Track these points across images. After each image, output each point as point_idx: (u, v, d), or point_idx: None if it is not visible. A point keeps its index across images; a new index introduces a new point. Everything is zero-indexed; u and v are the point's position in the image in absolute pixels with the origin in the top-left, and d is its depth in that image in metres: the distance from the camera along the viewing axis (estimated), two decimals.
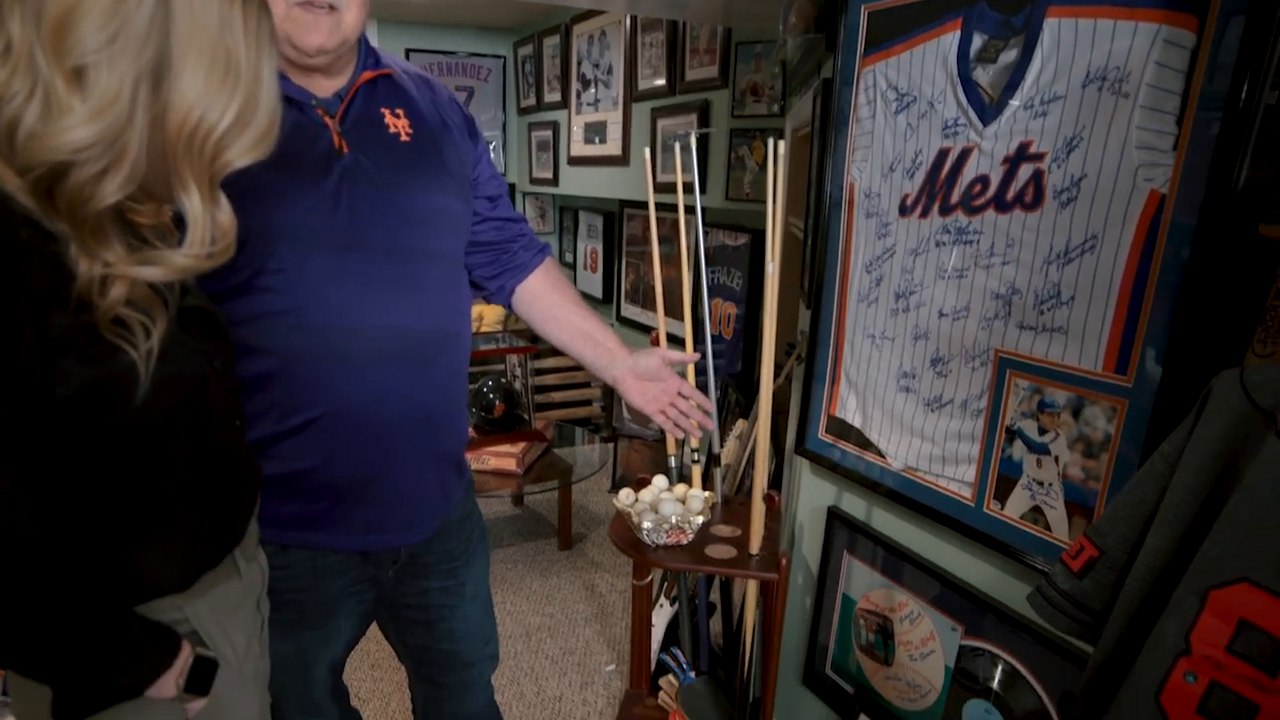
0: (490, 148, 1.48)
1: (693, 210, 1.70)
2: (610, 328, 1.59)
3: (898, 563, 1.68)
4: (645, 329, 4.39)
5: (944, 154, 1.41)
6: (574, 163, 4.79)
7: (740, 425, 2.57)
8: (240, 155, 0.81)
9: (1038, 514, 1.33)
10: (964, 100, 1.35)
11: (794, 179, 2.30)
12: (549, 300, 1.56)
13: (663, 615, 2.41)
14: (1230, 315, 1.04)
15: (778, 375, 2.23)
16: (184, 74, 0.75)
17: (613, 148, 4.28)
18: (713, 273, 3.59)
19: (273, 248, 1.14)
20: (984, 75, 1.32)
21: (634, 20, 3.93)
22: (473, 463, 3.13)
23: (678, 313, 1.86)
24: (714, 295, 3.59)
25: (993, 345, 1.36)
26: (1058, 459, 1.29)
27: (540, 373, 4.39)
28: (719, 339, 3.59)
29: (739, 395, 3.12)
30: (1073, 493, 1.28)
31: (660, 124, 3.80)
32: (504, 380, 3.39)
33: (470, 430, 3.23)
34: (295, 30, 1.14)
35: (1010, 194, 1.29)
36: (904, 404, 1.58)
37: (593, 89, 4.42)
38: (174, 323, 0.86)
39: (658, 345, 1.68)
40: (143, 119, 0.75)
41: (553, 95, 4.91)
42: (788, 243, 2.36)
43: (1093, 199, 1.18)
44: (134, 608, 0.90)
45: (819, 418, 1.83)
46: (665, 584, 2.52)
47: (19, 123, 0.71)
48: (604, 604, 3.11)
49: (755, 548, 1.62)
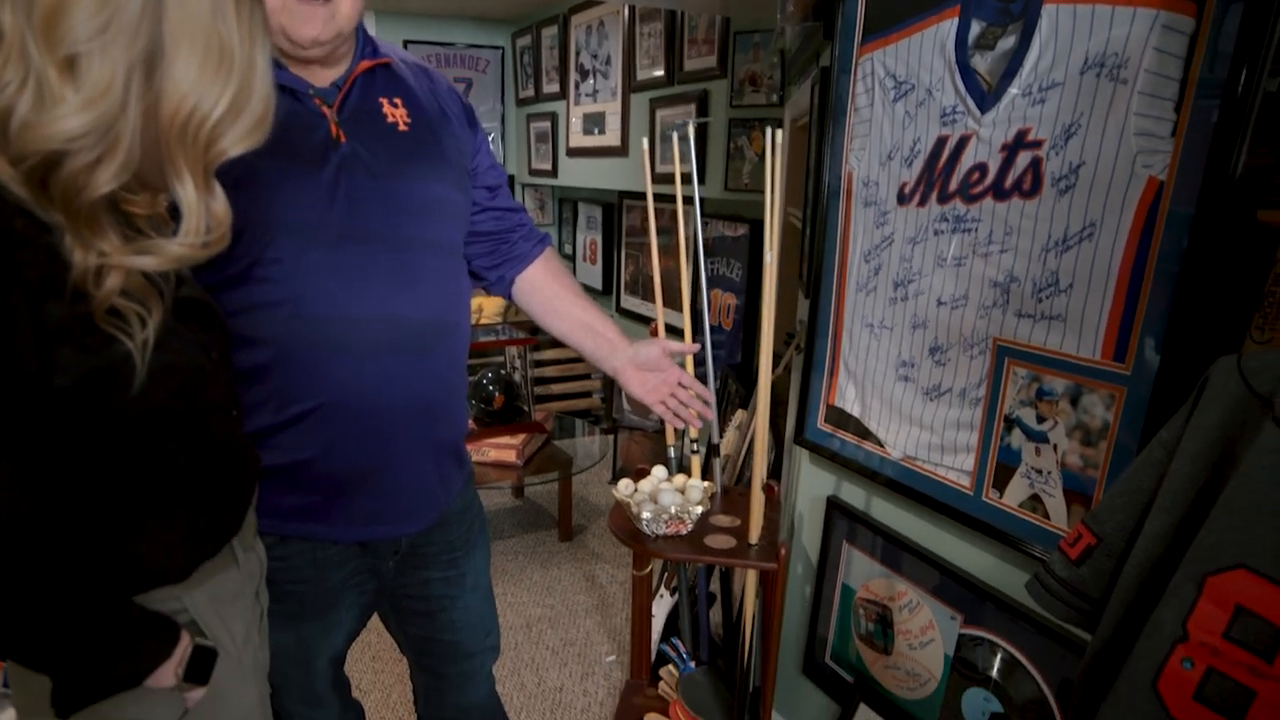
0: (489, 139, 1.47)
1: (691, 201, 1.69)
2: (610, 318, 1.58)
3: (897, 552, 1.68)
4: (645, 320, 4.39)
5: (942, 142, 1.40)
6: (573, 154, 4.77)
7: (740, 415, 2.57)
8: (234, 144, 0.80)
9: (1036, 502, 1.34)
10: (962, 88, 1.35)
11: (793, 169, 2.29)
12: (549, 291, 1.56)
13: (663, 606, 2.41)
14: (1228, 302, 1.04)
15: (777, 365, 2.23)
16: (177, 62, 0.74)
17: (611, 139, 4.26)
18: (712, 263, 3.59)
19: (270, 238, 1.14)
20: (982, 62, 1.31)
21: (632, 10, 3.91)
22: (473, 454, 3.13)
23: (677, 304, 1.86)
24: (713, 286, 3.59)
25: (991, 333, 1.36)
26: (1056, 447, 1.29)
27: (540, 364, 4.39)
28: (718, 330, 3.59)
29: (739, 386, 3.12)
30: (1071, 480, 1.28)
31: (659, 114, 3.79)
32: (504, 372, 3.39)
33: (470, 422, 3.23)
34: (290, 22, 1.13)
35: (1008, 181, 1.29)
36: (903, 393, 1.58)
37: (591, 80, 4.41)
38: (170, 313, 0.86)
39: (657, 336, 1.68)
40: (136, 108, 0.74)
41: (551, 86, 4.89)
42: (787, 233, 2.36)
43: (1091, 186, 1.17)
44: (132, 598, 0.90)
45: (818, 407, 1.83)
46: (665, 574, 2.52)
47: (12, 112, 0.71)
48: (604, 595, 3.11)
49: (754, 537, 1.62)
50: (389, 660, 2.66)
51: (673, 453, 1.82)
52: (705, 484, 1.68)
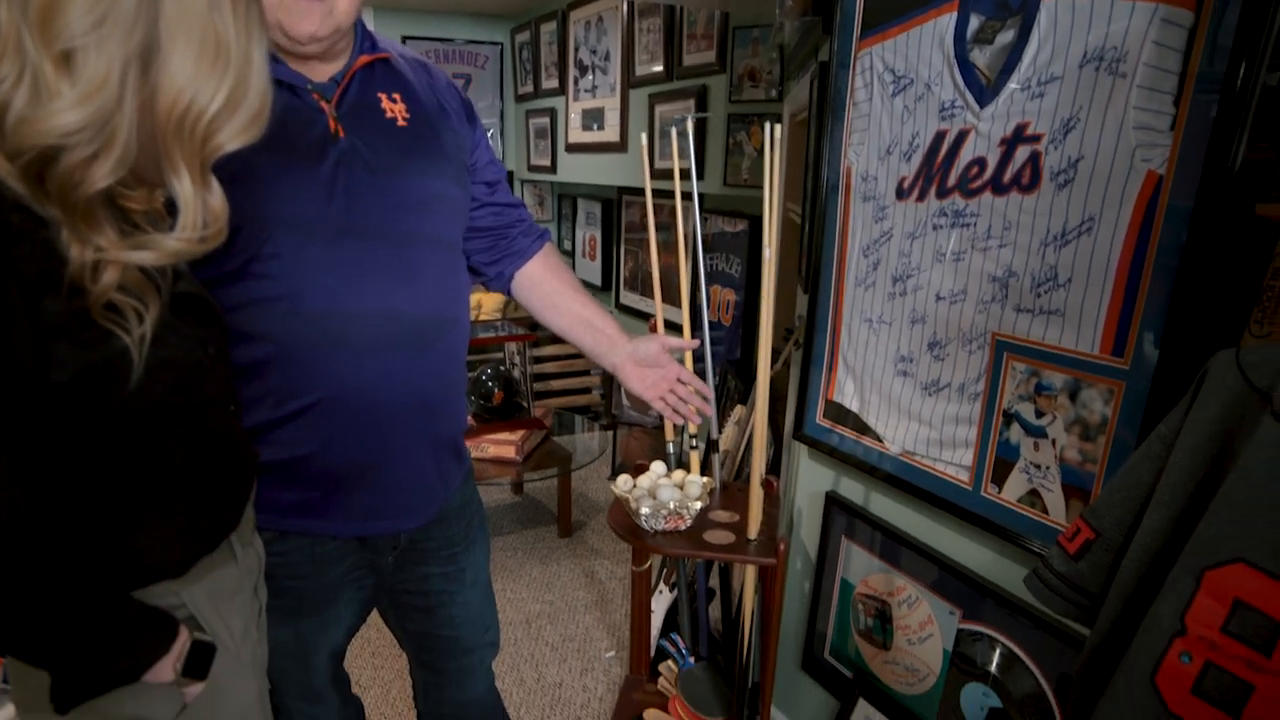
0: (488, 135, 1.47)
1: (690, 197, 1.69)
2: (610, 314, 1.58)
3: (896, 547, 1.68)
4: (645, 316, 4.39)
5: (941, 136, 1.40)
6: (572, 150, 4.77)
7: (739, 411, 2.57)
8: (231, 138, 0.80)
9: (1035, 497, 1.34)
10: (961, 82, 1.34)
11: (792, 164, 2.29)
12: (548, 286, 1.55)
13: (662, 601, 2.41)
14: (1227, 296, 1.03)
15: (776, 361, 2.23)
16: (173, 57, 0.74)
17: (610, 134, 4.26)
18: (711, 259, 3.59)
19: (268, 233, 1.13)
20: (981, 57, 1.31)
21: (631, 5, 3.90)
22: (472, 450, 3.13)
23: (676, 300, 1.85)
24: (713, 282, 3.58)
25: (990, 328, 1.36)
26: (1055, 442, 1.29)
27: (539, 360, 4.38)
28: (718, 325, 3.59)
29: (738, 381, 3.12)
30: (1070, 475, 1.28)
31: (658, 110, 3.79)
32: (503, 368, 3.39)
33: (469, 418, 3.23)
34: (287, 17, 1.13)
35: (1007, 176, 1.29)
36: (901, 388, 1.58)
37: (590, 75, 4.40)
38: (167, 308, 0.86)
39: (656, 332, 1.68)
40: (132, 102, 0.74)
41: (550, 82, 4.88)
42: (786, 228, 2.35)
43: (1090, 180, 1.17)
44: (131, 593, 0.90)
45: (817, 402, 1.83)
46: (664, 570, 2.53)
47: (8, 107, 0.71)
48: (604, 591, 3.12)
49: (753, 533, 1.62)
50: (389, 656, 2.66)
51: (671, 448, 1.82)
52: (704, 479, 1.68)
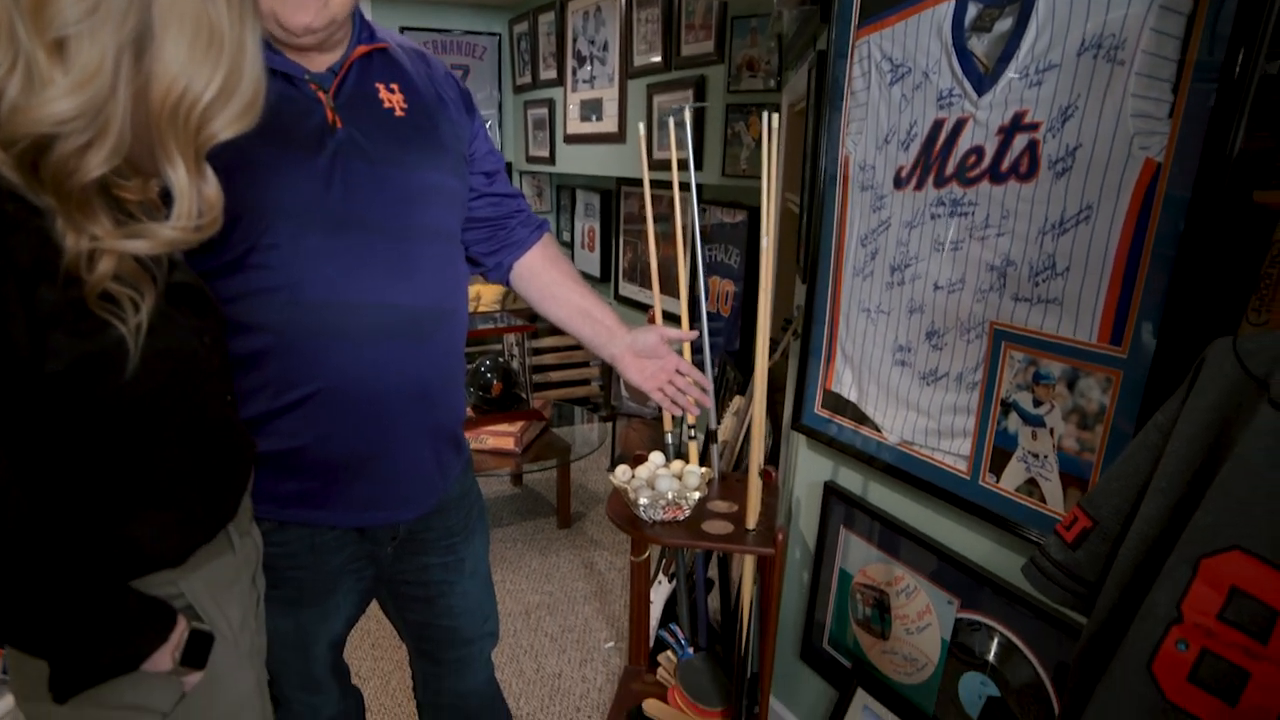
0: (486, 126, 1.46)
1: (688, 187, 1.69)
2: (608, 305, 1.58)
3: (894, 537, 1.68)
4: (644, 307, 4.39)
5: (939, 125, 1.40)
6: (570, 141, 4.76)
7: (738, 402, 2.57)
8: (225, 127, 0.80)
9: (1033, 486, 1.34)
10: (959, 70, 1.34)
11: (790, 154, 2.29)
12: (547, 277, 1.55)
13: (661, 592, 2.42)
14: (1225, 284, 1.03)
15: (774, 351, 2.23)
16: (166, 45, 0.74)
17: (609, 125, 4.25)
18: (710, 250, 3.58)
19: (266, 223, 1.13)
20: (979, 45, 1.30)
21: None
22: (471, 442, 3.13)
23: (675, 291, 1.85)
24: (712, 273, 3.58)
25: (988, 317, 1.36)
26: (1053, 431, 1.29)
27: (538, 352, 4.38)
28: (717, 316, 3.58)
29: (737, 373, 3.12)
30: (1068, 464, 1.28)
31: (656, 100, 3.78)
32: (502, 359, 3.39)
33: (468, 410, 3.23)
34: (282, 9, 1.12)
35: (1005, 164, 1.29)
36: (899, 378, 1.58)
37: (588, 66, 4.39)
38: (162, 298, 0.85)
39: (655, 323, 1.68)
40: (126, 91, 0.74)
41: (548, 73, 4.87)
42: (784, 218, 2.35)
43: (1088, 168, 1.17)
44: (129, 583, 0.90)
45: (815, 393, 1.83)
46: (663, 561, 2.53)
47: (1, 96, 0.71)
48: (603, 582, 3.12)
49: (752, 523, 1.62)
50: (388, 648, 2.66)
51: (670, 439, 1.82)
52: (702, 470, 1.68)
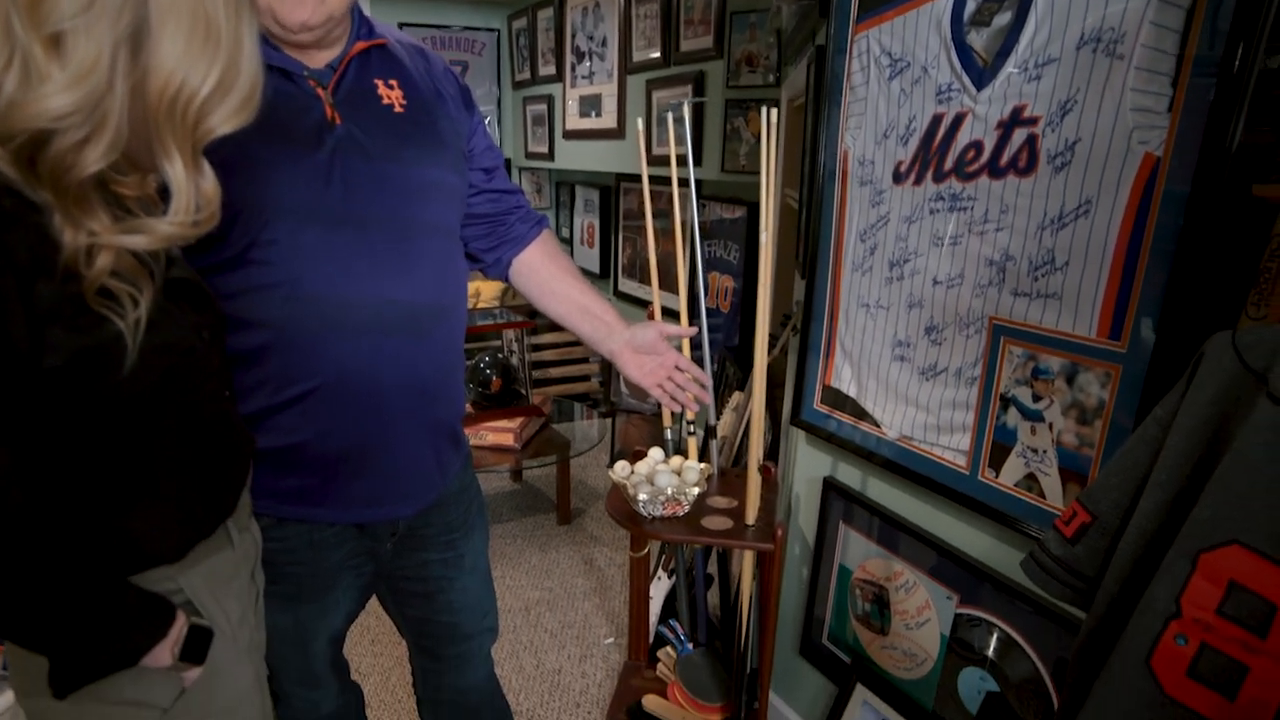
0: (485, 122, 1.46)
1: (688, 183, 1.68)
2: (608, 301, 1.58)
3: (893, 532, 1.68)
4: (643, 304, 4.39)
5: (938, 120, 1.39)
6: (569, 136, 4.75)
7: (737, 397, 2.57)
8: (223, 122, 0.80)
9: (1032, 481, 1.34)
10: (958, 65, 1.34)
11: (790, 150, 2.28)
12: (546, 273, 1.55)
13: (660, 588, 2.42)
14: (1224, 278, 1.03)
15: (774, 347, 2.23)
16: (163, 40, 0.74)
17: (608, 120, 4.24)
18: (710, 246, 3.58)
19: (265, 220, 1.13)
20: (978, 39, 1.30)
21: None
22: (470, 438, 3.13)
23: (674, 287, 1.85)
24: (711, 269, 3.58)
25: (987, 312, 1.36)
26: (1052, 426, 1.29)
27: (538, 348, 4.38)
28: (716, 313, 3.58)
29: (736, 369, 3.12)
30: (1067, 459, 1.28)
31: (655, 96, 3.77)
32: (501, 355, 3.39)
33: (468, 406, 3.23)
34: (280, 6, 1.11)
35: (1004, 159, 1.28)
36: (898, 373, 1.57)
37: (587, 61, 4.38)
38: (160, 294, 0.85)
39: (654, 319, 1.68)
40: (123, 86, 0.74)
41: (547, 68, 4.86)
42: (784, 214, 2.35)
43: (1087, 163, 1.17)
44: (128, 578, 0.90)
45: (814, 388, 1.83)
46: (663, 557, 2.53)
47: None
48: (603, 578, 3.12)
49: (751, 519, 1.62)
50: (388, 644, 2.67)
51: (670, 435, 1.82)
52: (702, 465, 1.68)
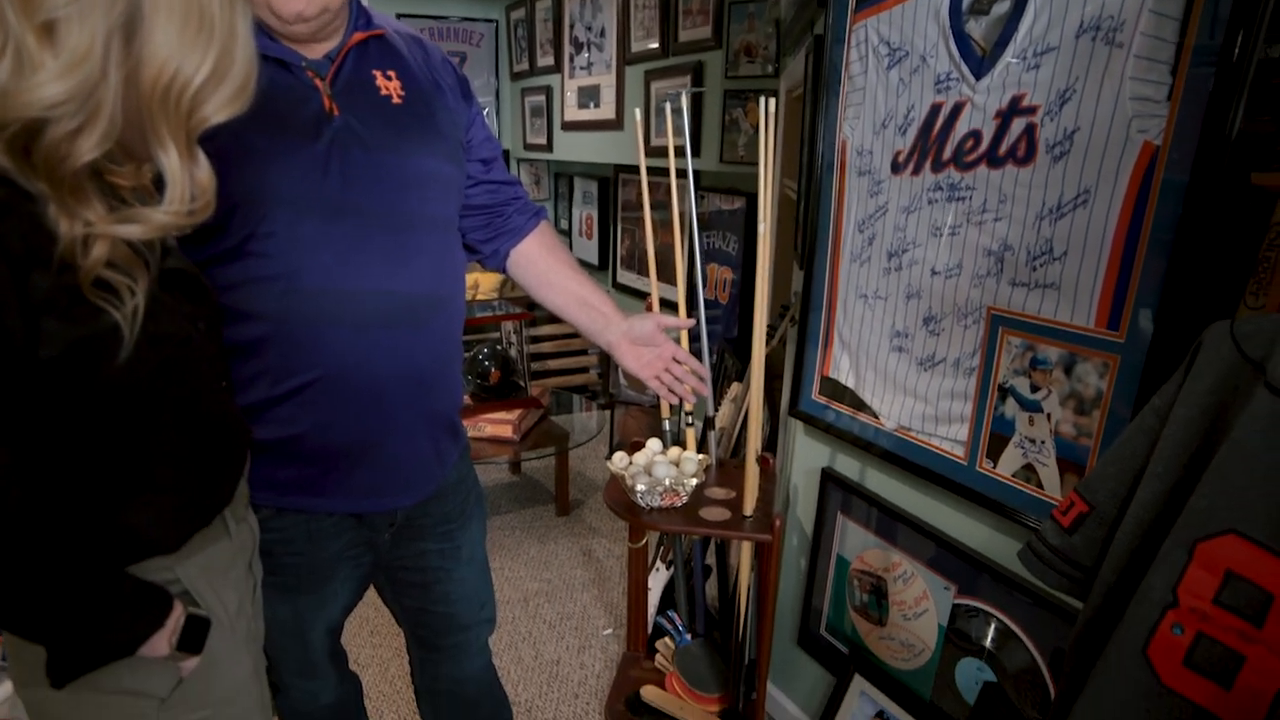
0: (483, 113, 1.46)
1: (685, 174, 1.68)
2: (606, 293, 1.58)
3: (891, 523, 1.68)
4: (641, 295, 4.38)
5: (936, 109, 1.39)
6: (568, 128, 4.74)
7: (735, 389, 2.57)
8: (217, 111, 0.79)
9: (1030, 472, 1.34)
10: (956, 54, 1.33)
11: (789, 140, 2.28)
12: (544, 264, 1.55)
13: (659, 579, 2.42)
14: (1222, 267, 1.03)
15: (772, 338, 2.23)
16: (156, 28, 0.73)
17: (606, 111, 4.23)
18: (708, 237, 3.58)
19: (263, 211, 1.13)
20: (976, 28, 1.30)
21: None
22: (469, 430, 3.13)
23: (673, 278, 1.85)
24: (710, 260, 3.57)
25: (985, 303, 1.36)
26: (1050, 416, 1.29)
27: (536, 340, 4.37)
28: (715, 304, 3.58)
29: (735, 360, 3.12)
30: (1065, 450, 1.28)
31: (654, 86, 3.76)
32: (500, 347, 3.38)
33: (466, 398, 3.23)
34: None
35: (1003, 148, 1.28)
36: (897, 363, 1.57)
37: (585, 52, 4.37)
38: (156, 284, 0.85)
39: (652, 311, 1.67)
40: (116, 74, 0.73)
41: (545, 59, 4.85)
42: (782, 205, 2.35)
43: (1085, 152, 1.17)
44: (125, 568, 0.90)
45: (812, 379, 1.83)
46: (661, 548, 2.53)
47: None
48: (601, 569, 3.13)
49: (749, 509, 1.62)
50: (387, 635, 2.67)
51: (668, 426, 1.82)
52: (700, 457, 1.68)
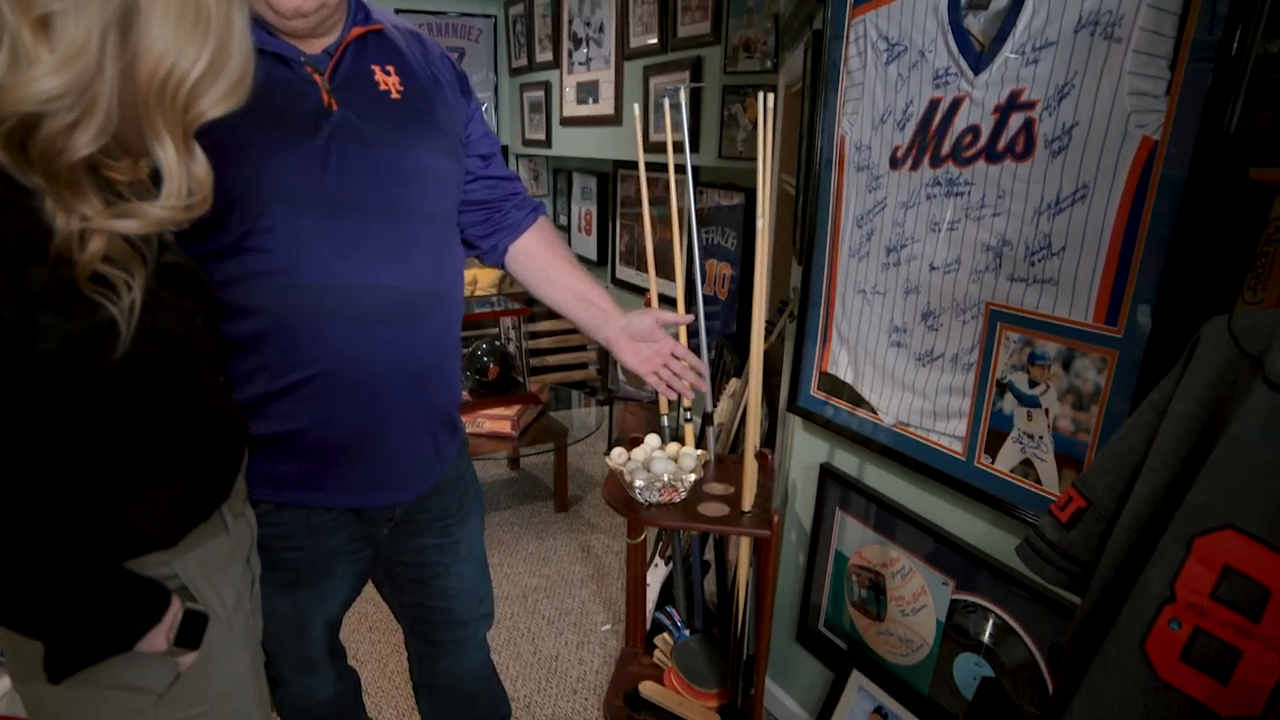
0: (482, 109, 1.46)
1: (684, 170, 1.68)
2: (604, 289, 1.57)
3: (890, 519, 1.68)
4: (640, 291, 4.38)
5: (935, 104, 1.39)
6: (566, 123, 4.74)
7: (734, 384, 2.57)
8: (213, 105, 0.79)
9: (1028, 467, 1.34)
10: (955, 49, 1.33)
11: (788, 136, 2.28)
12: (542, 260, 1.55)
13: (658, 575, 2.42)
14: (1220, 262, 1.03)
15: (771, 334, 2.23)
16: (153, 22, 0.73)
17: (605, 107, 4.23)
18: (707, 233, 3.57)
19: (262, 206, 1.13)
20: (975, 23, 1.30)
21: None
22: (468, 426, 3.12)
23: (672, 274, 1.85)
24: (709, 256, 3.57)
25: (983, 298, 1.36)
26: (1048, 411, 1.29)
27: (535, 335, 4.37)
28: (714, 300, 3.58)
29: (734, 356, 3.12)
30: (1063, 445, 1.28)
31: (652, 82, 3.76)
32: (498, 343, 3.38)
33: (465, 393, 3.23)
34: None
35: (1001, 144, 1.28)
36: (895, 359, 1.57)
37: (584, 48, 4.36)
38: (153, 279, 0.85)
39: (651, 307, 1.67)
40: (112, 69, 0.73)
41: (544, 55, 4.84)
42: (781, 200, 2.34)
43: (1084, 147, 1.16)
44: (123, 564, 0.90)
45: (811, 374, 1.83)
46: (660, 544, 2.53)
47: None
48: (600, 565, 3.13)
49: (748, 505, 1.62)
50: (386, 631, 2.67)
51: (666, 422, 1.82)
52: (698, 452, 1.68)
